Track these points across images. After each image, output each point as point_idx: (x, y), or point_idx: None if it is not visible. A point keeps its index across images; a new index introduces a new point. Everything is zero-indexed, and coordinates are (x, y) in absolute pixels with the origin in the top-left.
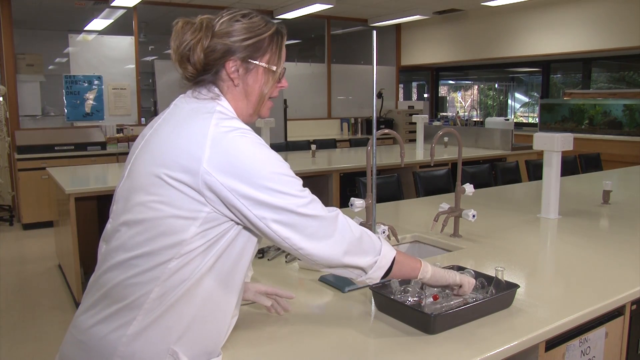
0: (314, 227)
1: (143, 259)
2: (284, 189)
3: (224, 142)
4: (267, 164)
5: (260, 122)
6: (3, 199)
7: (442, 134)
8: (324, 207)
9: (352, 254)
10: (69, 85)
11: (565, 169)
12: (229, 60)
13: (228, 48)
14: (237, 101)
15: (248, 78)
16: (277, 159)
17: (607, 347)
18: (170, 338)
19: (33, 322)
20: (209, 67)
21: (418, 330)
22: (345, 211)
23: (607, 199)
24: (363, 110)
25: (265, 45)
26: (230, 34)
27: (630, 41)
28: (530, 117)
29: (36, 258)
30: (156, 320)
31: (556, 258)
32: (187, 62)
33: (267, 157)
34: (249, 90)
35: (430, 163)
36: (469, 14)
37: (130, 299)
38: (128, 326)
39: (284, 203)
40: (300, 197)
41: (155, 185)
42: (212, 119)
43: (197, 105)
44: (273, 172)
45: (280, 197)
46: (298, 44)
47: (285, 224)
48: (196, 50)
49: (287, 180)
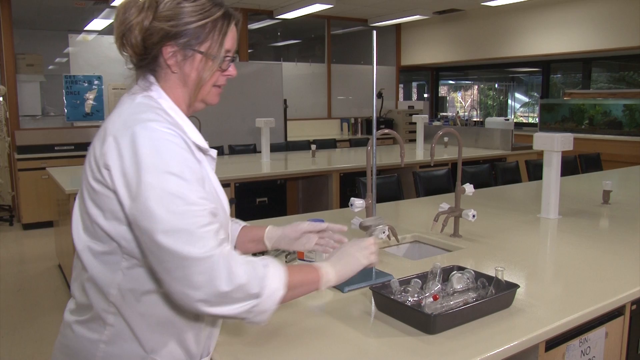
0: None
1: (98, 265)
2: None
3: (122, 140)
4: (155, 175)
5: (260, 122)
6: (3, 199)
7: (442, 134)
8: (209, 241)
9: (214, 304)
10: (69, 85)
11: (565, 169)
12: (166, 45)
13: (166, 32)
14: (175, 89)
15: (185, 65)
16: (173, 169)
17: (607, 347)
18: (148, 347)
19: (33, 322)
20: (148, 51)
21: (418, 330)
22: (345, 211)
23: (607, 199)
24: (363, 110)
25: (207, 31)
26: (170, 17)
27: (630, 41)
28: (530, 117)
29: (36, 258)
30: (128, 328)
31: (556, 258)
32: (127, 45)
33: (159, 165)
34: (186, 78)
35: (430, 163)
36: (469, 14)
37: (97, 305)
38: (103, 332)
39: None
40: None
41: (88, 192)
42: (123, 112)
43: (127, 102)
44: (152, 185)
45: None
46: (298, 44)
47: (148, 245)
48: (134, 31)
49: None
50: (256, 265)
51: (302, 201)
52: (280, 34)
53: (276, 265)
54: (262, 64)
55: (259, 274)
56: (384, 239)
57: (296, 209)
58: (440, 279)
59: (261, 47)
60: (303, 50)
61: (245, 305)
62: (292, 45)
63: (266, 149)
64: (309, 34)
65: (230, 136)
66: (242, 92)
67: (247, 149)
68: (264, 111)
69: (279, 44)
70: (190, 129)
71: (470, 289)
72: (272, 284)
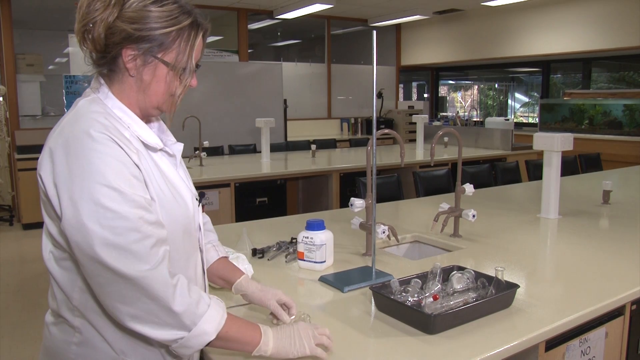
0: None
1: (54, 269)
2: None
3: (56, 149)
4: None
5: (260, 122)
6: (3, 199)
7: (442, 134)
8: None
9: (143, 321)
10: (69, 85)
11: (565, 169)
12: (127, 47)
13: (128, 35)
14: (130, 92)
15: (144, 71)
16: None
17: (607, 347)
18: (115, 347)
19: (33, 322)
20: (108, 49)
21: (418, 330)
22: (345, 211)
23: (607, 199)
24: (363, 110)
25: (171, 40)
26: (134, 19)
27: (630, 41)
28: (530, 117)
29: (36, 258)
30: (93, 328)
31: (556, 258)
32: (88, 39)
33: (90, 177)
34: (146, 87)
35: (430, 163)
36: (469, 14)
37: (65, 311)
38: (73, 335)
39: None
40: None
41: (42, 199)
42: (64, 121)
43: (72, 107)
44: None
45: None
46: (298, 44)
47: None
48: (98, 27)
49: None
50: (200, 301)
51: (302, 201)
52: (280, 34)
53: (219, 309)
54: (262, 64)
55: (197, 310)
56: (384, 239)
57: (296, 209)
58: (440, 279)
59: (261, 47)
60: (303, 50)
61: (173, 334)
62: (292, 45)
63: (266, 149)
64: (309, 34)
65: (230, 136)
66: (242, 92)
67: (247, 149)
68: (264, 111)
69: (279, 44)
70: (140, 128)
71: (470, 289)
72: (204, 325)
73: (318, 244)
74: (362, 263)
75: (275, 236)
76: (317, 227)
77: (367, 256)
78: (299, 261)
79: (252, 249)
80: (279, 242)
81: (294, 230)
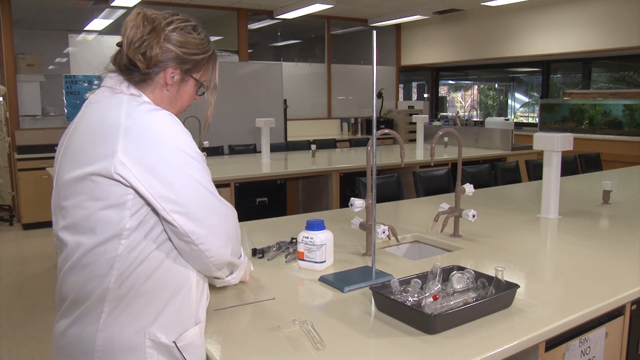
0: (214, 222)
1: (91, 256)
2: (187, 181)
3: (135, 130)
4: (177, 153)
5: (260, 122)
6: (3, 199)
7: (442, 134)
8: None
9: (235, 254)
10: (69, 85)
11: (565, 169)
12: (170, 66)
13: (176, 56)
14: (161, 102)
15: (181, 87)
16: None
17: (607, 347)
18: (143, 322)
19: (33, 322)
20: (154, 65)
21: (418, 330)
22: (345, 211)
23: (607, 199)
24: (363, 110)
25: (204, 62)
26: (182, 44)
27: (630, 41)
28: (530, 117)
29: (36, 258)
30: (123, 308)
31: (556, 258)
32: (142, 55)
33: (180, 145)
34: (176, 98)
35: (430, 163)
36: (469, 14)
37: (92, 295)
38: (98, 321)
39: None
40: (206, 190)
41: (79, 185)
42: (123, 107)
43: (109, 98)
44: (181, 161)
45: (185, 187)
46: (298, 44)
47: (186, 216)
48: (155, 49)
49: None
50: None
51: (302, 201)
52: (280, 34)
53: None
54: (262, 64)
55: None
56: (384, 239)
57: (296, 209)
58: (440, 279)
59: (261, 47)
60: (303, 50)
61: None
62: (292, 45)
63: (266, 149)
64: (309, 34)
65: (230, 136)
66: (242, 92)
67: (247, 149)
68: (264, 111)
69: (279, 44)
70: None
71: (470, 289)
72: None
73: (318, 244)
74: (362, 263)
75: (275, 236)
76: (317, 227)
77: (367, 256)
78: (299, 261)
79: (252, 249)
80: (279, 242)
81: (294, 230)
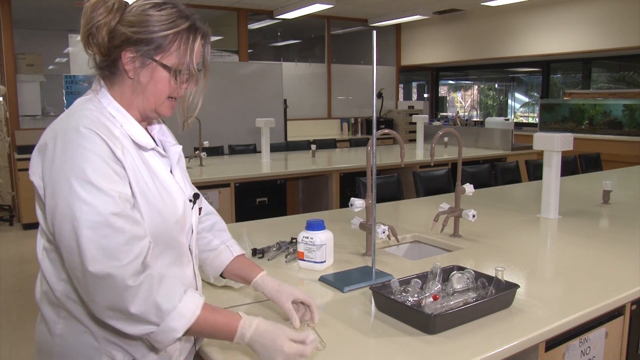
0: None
1: (44, 262)
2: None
3: (49, 143)
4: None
5: (260, 122)
6: (3, 199)
7: (442, 134)
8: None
9: (116, 315)
10: (69, 85)
11: (565, 169)
12: (126, 49)
13: (127, 37)
14: (129, 94)
15: (142, 73)
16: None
17: (607, 347)
18: (98, 335)
19: (33, 322)
20: (109, 52)
21: (418, 330)
22: (345, 211)
23: (607, 199)
24: (363, 110)
25: (168, 42)
26: (133, 23)
27: (630, 41)
28: (530, 117)
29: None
30: (77, 317)
31: (556, 258)
32: (93, 43)
33: (72, 172)
34: (145, 88)
35: (430, 163)
36: (469, 14)
37: (49, 297)
38: (55, 326)
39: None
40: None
41: (35, 195)
42: (59, 117)
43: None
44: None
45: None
46: (298, 44)
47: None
48: (102, 31)
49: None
50: (170, 297)
51: (302, 201)
52: (280, 34)
53: (191, 305)
54: (262, 64)
55: (164, 306)
56: (384, 239)
57: (296, 209)
58: (440, 279)
59: (261, 47)
60: (303, 50)
61: (143, 329)
62: (292, 45)
63: (266, 149)
64: (309, 34)
65: (230, 136)
66: (242, 92)
67: (247, 149)
68: (264, 111)
69: (279, 44)
70: (132, 127)
71: (470, 289)
72: (172, 323)
73: (318, 244)
74: (362, 263)
75: (275, 236)
76: (317, 227)
77: (367, 256)
78: (299, 261)
79: (252, 249)
80: (279, 242)
81: (294, 230)
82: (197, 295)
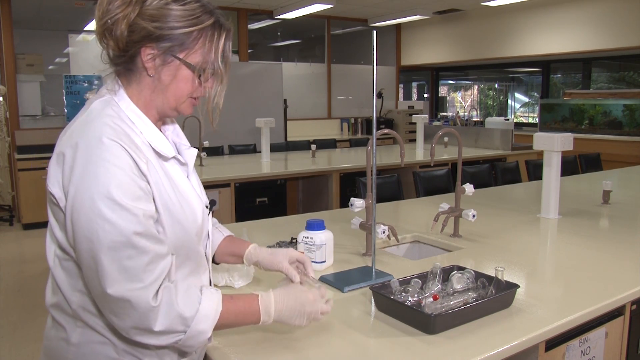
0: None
1: (56, 270)
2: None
3: (67, 152)
4: (95, 192)
5: (260, 122)
6: (3, 199)
7: (442, 134)
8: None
9: (141, 332)
10: (69, 85)
11: (565, 169)
12: (146, 46)
13: (148, 33)
14: (148, 93)
15: (163, 71)
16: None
17: (607, 347)
18: (119, 346)
19: (33, 322)
20: (127, 47)
21: (418, 330)
22: (345, 211)
23: (607, 199)
24: (363, 110)
25: (192, 40)
26: (155, 17)
27: (630, 41)
28: (530, 117)
29: (36, 258)
30: (95, 329)
31: (556, 258)
32: (110, 36)
33: (94, 188)
34: (166, 87)
35: (430, 163)
36: (469, 14)
37: (63, 307)
38: (71, 335)
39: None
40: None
41: (49, 202)
42: (75, 123)
43: (90, 102)
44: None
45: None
46: (298, 44)
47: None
48: (121, 25)
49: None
50: (190, 304)
51: (302, 201)
52: (280, 34)
53: (212, 304)
54: (262, 64)
55: (187, 314)
56: (384, 239)
57: (296, 209)
58: (440, 279)
59: (261, 47)
60: (303, 50)
61: (171, 339)
62: (292, 45)
63: (266, 149)
64: (309, 34)
65: (230, 136)
66: (242, 92)
67: (247, 149)
68: (264, 111)
69: (279, 44)
70: (153, 135)
71: (470, 289)
72: (198, 326)
73: (318, 244)
74: (362, 263)
75: (275, 236)
76: (317, 227)
77: (367, 256)
78: None
79: None
80: (279, 242)
81: (294, 230)
82: (214, 291)
